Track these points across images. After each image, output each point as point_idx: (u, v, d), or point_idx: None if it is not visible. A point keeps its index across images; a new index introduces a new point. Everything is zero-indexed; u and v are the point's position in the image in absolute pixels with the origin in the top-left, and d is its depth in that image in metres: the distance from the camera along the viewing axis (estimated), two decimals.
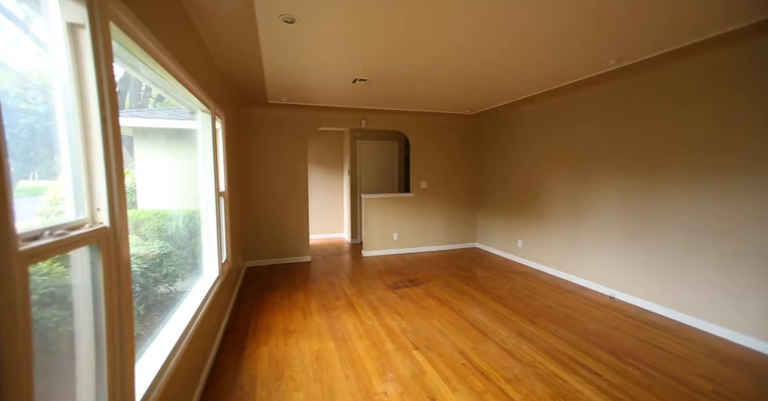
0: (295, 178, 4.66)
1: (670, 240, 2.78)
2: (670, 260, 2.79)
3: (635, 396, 1.82)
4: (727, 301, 2.43)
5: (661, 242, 2.85)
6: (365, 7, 1.82)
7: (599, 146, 3.40)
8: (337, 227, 6.54)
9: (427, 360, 2.19)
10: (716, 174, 2.48)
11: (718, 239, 2.48)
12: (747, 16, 1.93)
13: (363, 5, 1.80)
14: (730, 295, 2.41)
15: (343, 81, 3.25)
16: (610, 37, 2.24)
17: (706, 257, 2.55)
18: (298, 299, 3.30)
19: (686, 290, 2.67)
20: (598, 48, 2.42)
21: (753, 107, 2.27)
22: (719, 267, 2.47)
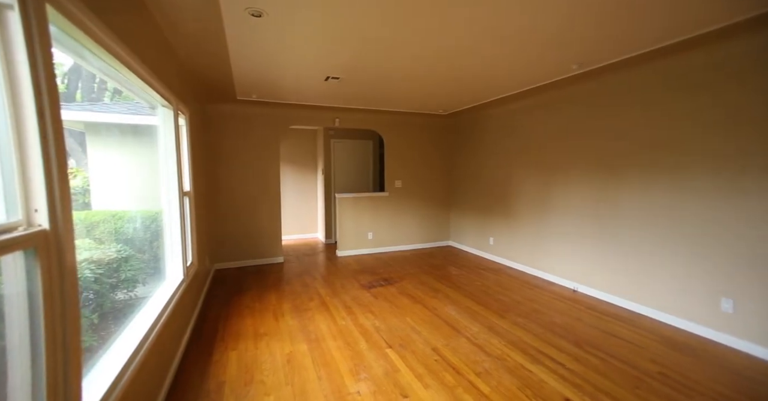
0: (267, 177, 4.53)
1: (626, 236, 2.98)
2: (626, 255, 2.98)
3: (594, 383, 1.93)
4: (673, 291, 2.63)
5: (618, 238, 3.04)
6: (336, 3, 1.79)
7: (562, 147, 3.57)
8: (311, 227, 6.44)
9: (400, 358, 2.21)
10: (668, 174, 2.68)
11: (667, 234, 2.68)
12: (706, 25, 2.09)
13: (334, 1, 1.78)
14: (676, 285, 2.62)
15: (315, 79, 3.20)
16: (574, 42, 2.35)
17: (656, 251, 2.75)
18: (270, 301, 3.21)
19: (640, 282, 2.87)
20: (562, 53, 2.54)
21: (703, 111, 2.48)
22: (668, 261, 2.67)
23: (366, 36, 2.22)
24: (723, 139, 2.34)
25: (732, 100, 2.29)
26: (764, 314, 2.16)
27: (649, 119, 2.78)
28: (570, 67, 2.85)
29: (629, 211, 2.95)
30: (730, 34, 2.15)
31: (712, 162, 2.40)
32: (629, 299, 2.95)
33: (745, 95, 2.22)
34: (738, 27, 2.04)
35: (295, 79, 3.23)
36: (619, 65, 2.75)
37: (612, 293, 3.10)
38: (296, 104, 4.29)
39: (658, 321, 2.72)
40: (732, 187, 2.31)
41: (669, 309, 2.67)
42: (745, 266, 2.24)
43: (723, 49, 2.30)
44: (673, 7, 1.84)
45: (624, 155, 2.99)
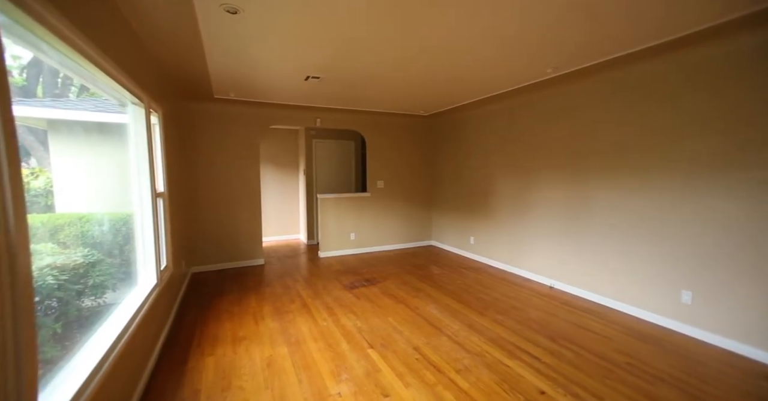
0: (247, 178, 4.44)
1: (597, 233, 3.10)
2: (597, 252, 3.11)
3: (567, 375, 2.00)
4: (639, 285, 2.77)
5: (590, 236, 3.17)
6: (314, 2, 1.78)
7: (539, 149, 3.69)
8: (292, 229, 6.35)
9: (381, 358, 2.21)
10: (632, 175, 2.81)
11: (633, 232, 2.81)
12: (666, 34, 2.20)
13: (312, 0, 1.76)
14: (641, 280, 2.75)
15: (295, 78, 3.16)
16: (550, 47, 2.43)
17: (624, 248, 2.88)
18: (250, 304, 3.14)
19: (609, 278, 3.00)
20: (538, 56, 2.62)
21: (667, 114, 2.61)
22: (634, 257, 2.80)
23: (345, 36, 2.21)
24: (680, 142, 2.48)
25: (690, 106, 2.43)
26: (718, 305, 2.30)
27: (615, 122, 2.91)
28: (545, 70, 2.94)
29: (599, 211, 3.08)
30: (690, 44, 2.28)
31: (670, 164, 2.54)
32: (600, 293, 3.08)
33: (702, 102, 2.37)
34: (697, 37, 2.16)
35: (275, 79, 3.18)
36: (591, 70, 2.86)
37: (585, 289, 3.22)
38: (276, 103, 4.22)
39: (626, 313, 2.85)
40: (687, 187, 2.46)
41: (636, 302, 2.80)
42: (702, 261, 2.38)
43: (684, 57, 2.44)
44: (636, 18, 1.94)
45: (594, 157, 3.11)
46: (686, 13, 1.91)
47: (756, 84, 2.12)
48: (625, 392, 1.85)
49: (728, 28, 2.04)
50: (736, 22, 1.96)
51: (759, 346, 2.14)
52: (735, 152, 2.23)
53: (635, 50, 2.41)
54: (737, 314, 2.23)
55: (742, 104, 2.19)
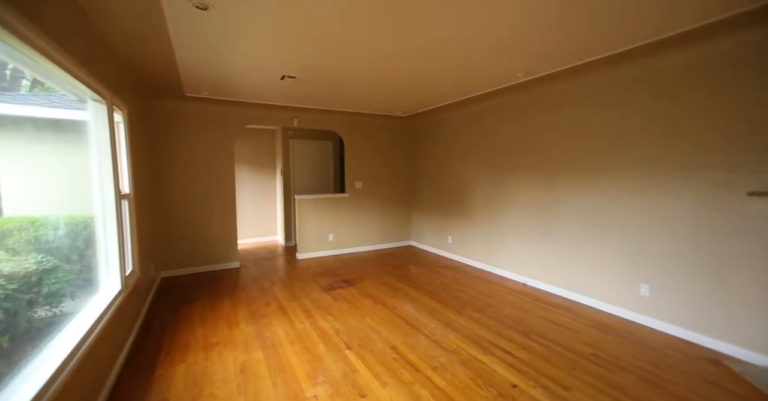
0: (221, 178, 4.30)
1: (566, 232, 3.25)
2: (566, 250, 3.25)
3: (537, 368, 2.08)
4: (603, 280, 2.92)
5: (560, 234, 3.31)
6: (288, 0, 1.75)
7: (511, 151, 3.81)
8: (270, 230, 6.21)
9: (359, 359, 2.21)
10: (597, 177, 2.97)
11: (598, 231, 2.96)
12: (623, 45, 2.34)
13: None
14: (605, 275, 2.90)
15: (270, 77, 3.10)
16: (521, 52, 2.52)
17: (590, 246, 3.03)
18: (224, 308, 3.05)
19: (578, 274, 3.14)
20: (510, 61, 2.70)
21: (629, 119, 2.77)
22: (599, 254, 2.96)
23: (321, 35, 2.20)
24: (641, 145, 2.64)
25: (649, 111, 2.59)
26: (672, 297, 2.47)
27: (581, 126, 3.06)
28: (516, 75, 3.05)
29: (568, 211, 3.22)
30: (644, 54, 2.43)
31: (633, 165, 2.70)
32: (570, 289, 3.22)
33: (657, 107, 2.53)
34: (655, 47, 2.32)
35: (249, 77, 3.10)
36: (560, 75, 3.00)
37: (556, 285, 3.36)
38: (252, 102, 4.12)
39: (592, 307, 3.00)
40: (646, 187, 2.62)
41: (601, 296, 2.96)
42: (659, 257, 2.55)
43: (644, 65, 2.60)
44: (597, 29, 2.05)
45: (562, 159, 3.25)
46: (644, 24, 2.03)
47: (706, 94, 2.29)
48: (589, 381, 1.94)
49: (679, 39, 2.20)
50: (690, 34, 2.11)
51: (705, 333, 2.32)
52: (687, 156, 2.40)
53: (598, 58, 2.55)
54: (688, 304, 2.40)
55: (694, 111, 2.36)
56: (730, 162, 2.19)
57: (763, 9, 1.80)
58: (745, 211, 2.13)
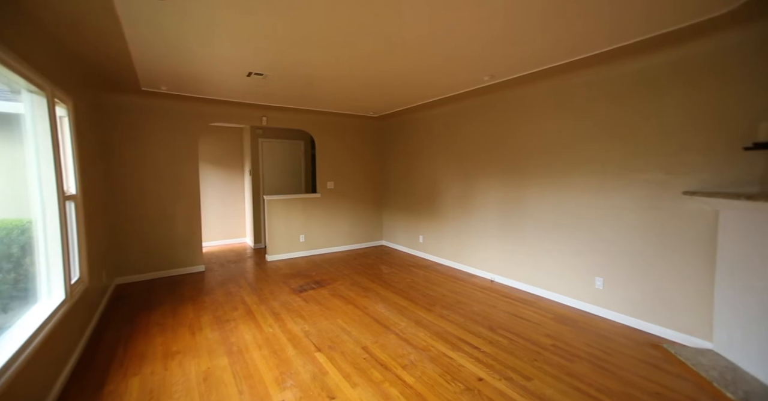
0: (184, 178, 4.09)
1: (530, 230, 3.41)
2: (530, 246, 3.42)
3: (502, 361, 2.17)
4: (563, 274, 3.10)
5: (524, 232, 3.47)
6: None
7: (478, 152, 3.94)
8: (238, 232, 6.00)
9: (329, 360, 2.19)
10: (561, 176, 3.14)
11: (558, 227, 3.14)
12: (580, 52, 2.50)
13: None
14: (565, 269, 3.09)
15: (236, 74, 2.99)
16: (486, 56, 2.62)
17: (551, 242, 3.21)
18: (186, 315, 2.90)
19: (541, 269, 3.31)
20: (476, 65, 2.80)
21: (583, 123, 2.96)
22: (559, 249, 3.14)
23: (287, 33, 2.16)
24: (595, 147, 2.83)
25: (599, 115, 2.79)
26: (622, 288, 2.68)
27: (543, 128, 3.23)
28: (482, 78, 3.16)
29: (531, 210, 3.38)
30: (607, 59, 2.62)
31: (588, 166, 2.89)
32: (533, 284, 3.39)
33: (608, 112, 2.73)
34: (607, 56, 2.50)
35: (212, 73, 2.98)
36: (523, 80, 3.15)
37: (521, 281, 3.52)
38: (217, 99, 3.96)
39: (554, 300, 3.17)
40: (599, 187, 2.82)
41: (560, 289, 3.14)
42: (610, 251, 2.75)
43: (599, 71, 2.79)
44: (554, 39, 2.18)
45: (525, 160, 3.41)
46: (601, 33, 2.19)
47: (650, 100, 2.50)
48: (549, 371, 2.05)
49: (634, 48, 2.39)
50: (643, 43, 2.29)
51: (648, 320, 2.53)
52: (632, 158, 2.61)
53: (559, 64, 2.71)
54: (634, 294, 2.61)
55: (638, 117, 2.57)
56: (668, 164, 2.41)
57: (710, 22, 1.99)
58: (681, 209, 2.35)
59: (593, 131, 2.85)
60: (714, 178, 2.20)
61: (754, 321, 1.91)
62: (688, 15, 1.92)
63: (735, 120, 2.10)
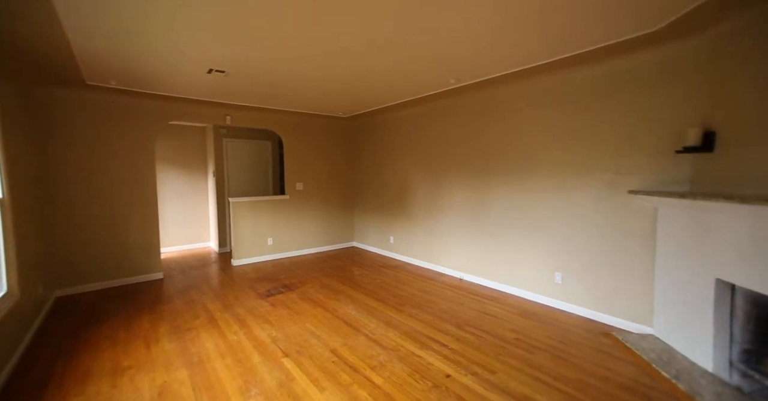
0: (139, 180, 3.82)
1: (494, 228, 3.54)
2: (495, 244, 3.54)
3: (469, 357, 2.23)
4: (526, 271, 3.25)
5: (489, 231, 3.59)
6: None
7: (446, 153, 4.04)
8: (201, 236, 5.71)
9: (296, 366, 2.14)
10: (522, 177, 3.29)
11: (522, 225, 3.29)
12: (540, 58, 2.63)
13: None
14: (527, 266, 3.24)
15: (195, 70, 2.85)
16: (452, 60, 2.69)
17: (515, 240, 3.35)
18: (141, 326, 2.71)
19: (505, 267, 3.45)
20: (442, 68, 2.87)
21: (538, 126, 3.12)
22: (522, 247, 3.28)
23: (249, 29, 2.09)
24: (554, 150, 3.00)
25: (559, 119, 2.96)
26: (579, 282, 2.85)
27: (506, 131, 3.37)
28: (448, 81, 3.25)
29: (496, 209, 3.52)
30: (566, 66, 2.78)
31: (549, 167, 3.05)
32: (499, 281, 3.52)
33: (570, 116, 2.91)
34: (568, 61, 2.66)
35: (169, 68, 2.81)
36: (488, 84, 3.27)
37: (487, 278, 3.64)
38: (176, 96, 3.75)
39: (518, 296, 3.31)
40: (560, 188, 2.99)
41: (524, 285, 3.29)
42: (569, 247, 2.93)
43: (560, 78, 2.96)
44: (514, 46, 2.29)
45: (490, 161, 3.54)
46: (560, 41, 2.32)
47: (604, 105, 2.69)
48: (513, 364, 2.14)
49: (583, 58, 2.56)
50: (595, 52, 2.45)
51: (601, 310, 2.72)
52: (586, 159, 2.79)
53: (521, 69, 2.85)
54: (589, 287, 2.79)
55: (593, 121, 2.75)
56: (618, 165, 2.60)
57: (647, 36, 2.18)
58: (627, 206, 2.55)
59: (553, 134, 3.02)
60: (654, 178, 2.41)
61: (682, 306, 2.11)
62: (627, 31, 2.12)
63: (671, 126, 2.31)
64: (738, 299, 1.85)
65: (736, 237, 1.76)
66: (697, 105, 2.17)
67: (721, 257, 1.85)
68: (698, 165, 2.15)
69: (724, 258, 1.83)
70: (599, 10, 1.86)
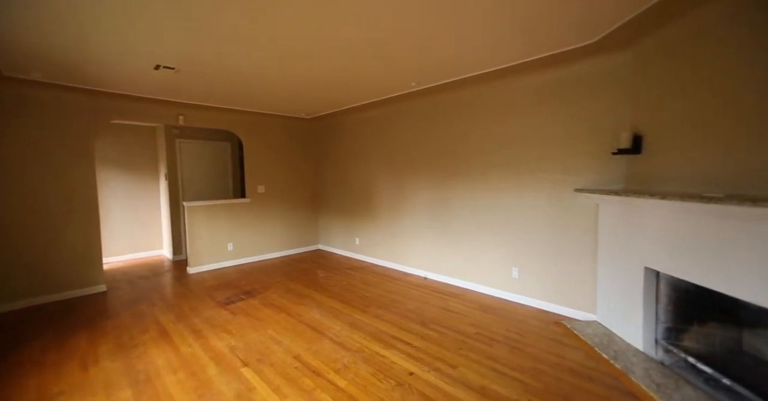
0: (76, 185, 3.48)
1: (456, 228, 3.65)
2: (457, 243, 3.66)
3: (432, 353, 2.28)
4: (486, 267, 3.39)
5: (451, 229, 3.71)
6: None
7: (408, 155, 4.11)
8: (153, 244, 5.31)
9: (257, 375, 2.06)
10: (480, 177, 3.43)
11: (482, 223, 3.43)
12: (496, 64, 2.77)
13: None
14: (487, 263, 3.38)
15: (140, 65, 2.66)
16: (412, 63, 2.74)
17: (475, 238, 3.48)
18: (77, 346, 2.46)
19: (467, 264, 3.57)
20: (402, 71, 2.92)
21: (491, 130, 3.28)
22: (482, 244, 3.42)
23: (196, 25, 1.99)
24: (507, 151, 3.17)
25: (511, 122, 3.13)
26: (533, 276, 3.03)
27: (464, 134, 3.51)
28: (410, 83, 3.32)
29: (456, 209, 3.64)
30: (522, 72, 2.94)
31: (504, 168, 3.22)
32: (461, 278, 3.64)
33: (525, 119, 3.08)
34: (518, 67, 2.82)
35: (107, 62, 2.59)
36: (447, 87, 3.38)
37: (450, 276, 3.75)
38: (119, 93, 3.46)
39: (479, 292, 3.45)
40: (516, 188, 3.15)
41: (484, 281, 3.43)
42: (524, 243, 3.10)
43: (516, 82, 3.13)
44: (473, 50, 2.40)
45: (452, 164, 3.66)
46: (512, 48, 2.45)
47: (556, 109, 2.89)
48: (473, 357, 2.22)
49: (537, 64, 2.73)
50: (546, 59, 2.62)
51: (553, 301, 2.91)
52: (538, 160, 2.98)
53: (477, 74, 2.99)
54: (542, 280, 2.98)
55: (547, 123, 2.95)
56: (566, 166, 2.81)
57: (588, 47, 2.38)
58: (574, 203, 2.76)
59: (510, 136, 3.18)
60: (596, 177, 2.63)
61: (618, 293, 2.33)
62: (568, 42, 2.32)
63: (609, 130, 2.54)
64: (662, 284, 2.07)
65: (659, 229, 1.97)
66: (629, 111, 2.41)
67: (648, 248, 2.06)
68: (630, 165, 2.38)
69: (651, 248, 2.04)
70: (544, 23, 2.00)
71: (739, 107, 1.63)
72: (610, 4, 1.81)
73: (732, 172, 1.65)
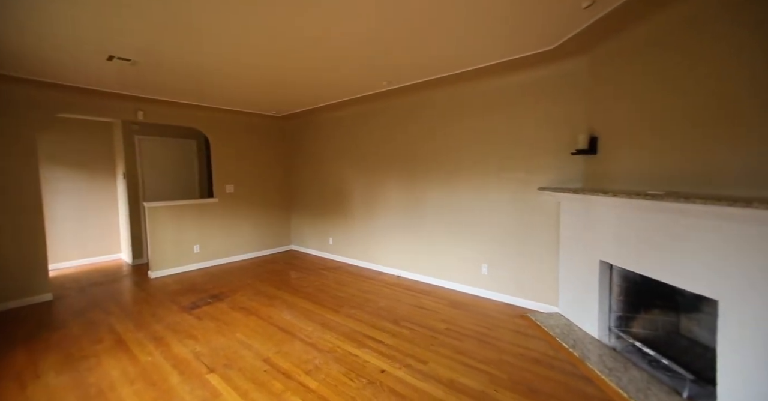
0: (13, 185, 3.17)
1: (427, 226, 3.71)
2: (428, 241, 3.72)
3: (403, 350, 2.30)
4: (456, 264, 3.48)
5: (423, 228, 3.76)
6: None
7: (380, 155, 4.13)
8: (109, 248, 4.96)
9: (223, 380, 1.98)
10: (449, 177, 3.51)
11: (453, 222, 3.51)
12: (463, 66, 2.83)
13: None
14: (458, 260, 3.47)
15: (91, 55, 2.47)
16: (382, 63, 2.75)
17: (446, 236, 3.56)
18: (13, 362, 2.23)
19: (438, 261, 3.64)
20: (373, 71, 2.92)
21: (459, 131, 3.36)
22: (453, 242, 3.50)
23: (154, 13, 1.88)
24: (475, 153, 3.27)
25: (477, 124, 3.23)
26: (501, 272, 3.14)
27: (434, 134, 3.57)
28: (381, 83, 3.33)
29: (428, 208, 3.69)
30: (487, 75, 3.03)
31: (471, 168, 3.31)
32: (433, 276, 3.70)
33: (490, 120, 3.18)
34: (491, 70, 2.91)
35: (50, 49, 2.37)
36: (416, 88, 3.42)
37: (423, 274, 3.80)
38: (66, 85, 3.19)
39: (450, 289, 3.52)
40: (482, 187, 3.25)
41: (455, 278, 3.51)
42: (492, 241, 3.21)
43: (483, 84, 3.22)
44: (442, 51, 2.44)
45: (422, 164, 3.71)
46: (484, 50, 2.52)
47: (523, 110, 3.01)
48: (443, 352, 2.27)
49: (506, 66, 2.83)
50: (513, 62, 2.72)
51: (520, 296, 3.04)
52: (503, 160, 3.09)
53: (446, 75, 3.04)
54: (509, 276, 3.10)
55: (512, 124, 3.06)
56: (529, 166, 2.93)
57: (548, 53, 2.49)
58: (538, 201, 2.89)
59: (477, 137, 3.27)
60: (558, 176, 2.77)
61: (577, 285, 2.48)
62: (528, 48, 2.43)
63: (569, 131, 2.69)
64: (615, 275, 2.22)
65: (611, 224, 2.12)
66: (585, 114, 2.57)
67: (602, 242, 2.21)
68: (588, 165, 2.53)
69: (604, 242, 2.19)
70: (506, 29, 2.09)
71: (684, 109, 1.78)
72: (567, 16, 1.92)
73: (677, 170, 1.80)
